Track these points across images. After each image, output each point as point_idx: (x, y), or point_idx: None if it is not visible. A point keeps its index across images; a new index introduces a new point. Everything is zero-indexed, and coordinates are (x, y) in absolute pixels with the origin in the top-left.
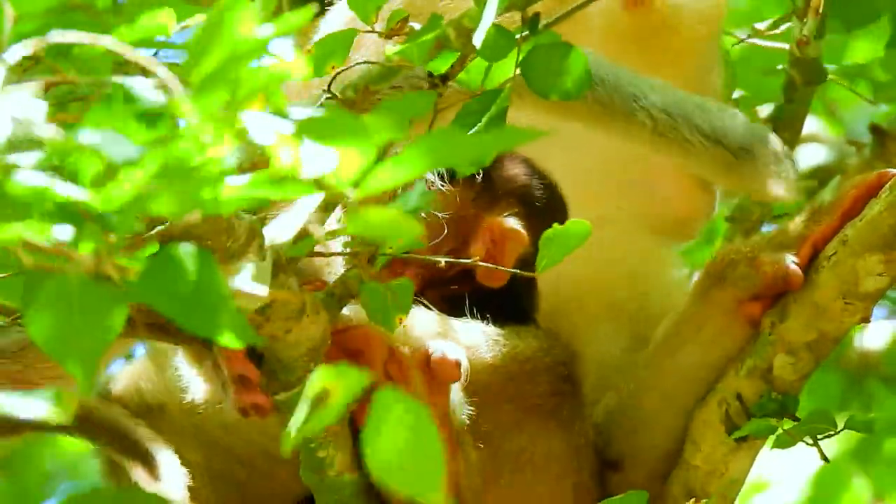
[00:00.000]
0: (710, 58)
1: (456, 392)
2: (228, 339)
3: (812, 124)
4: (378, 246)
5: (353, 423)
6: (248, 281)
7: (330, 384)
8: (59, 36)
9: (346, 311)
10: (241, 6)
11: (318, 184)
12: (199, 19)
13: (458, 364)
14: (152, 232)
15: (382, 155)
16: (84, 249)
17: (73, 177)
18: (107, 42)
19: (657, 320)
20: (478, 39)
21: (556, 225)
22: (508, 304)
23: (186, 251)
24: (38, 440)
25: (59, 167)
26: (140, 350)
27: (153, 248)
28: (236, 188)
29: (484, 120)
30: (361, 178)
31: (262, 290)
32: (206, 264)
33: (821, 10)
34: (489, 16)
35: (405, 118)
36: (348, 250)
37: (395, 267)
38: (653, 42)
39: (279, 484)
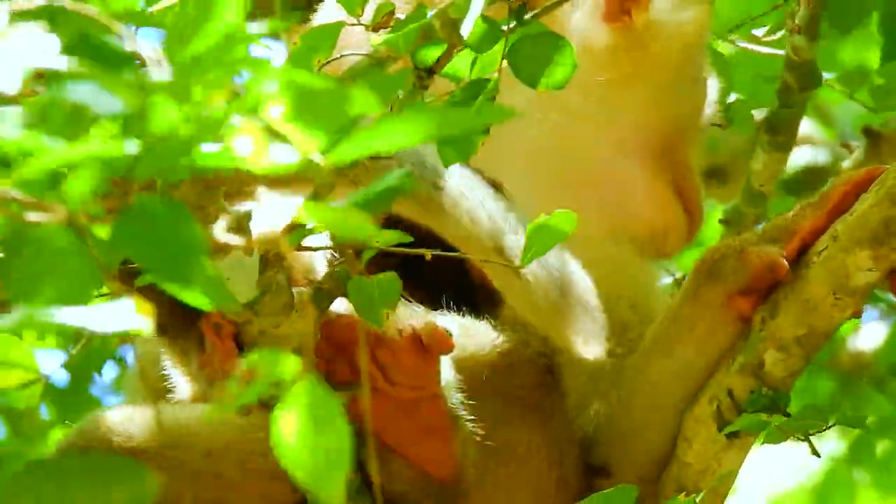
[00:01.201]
0: (688, 75)
1: (448, 370)
2: (199, 299)
3: (805, 126)
4: (365, 240)
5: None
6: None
7: (255, 366)
8: None
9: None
10: None
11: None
12: None
13: (449, 333)
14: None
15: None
16: (58, 201)
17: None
18: (92, 10)
19: (634, 328)
20: (465, 30)
21: (542, 216)
22: (483, 297)
23: (160, 204)
24: (30, 438)
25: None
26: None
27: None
28: (211, 154)
29: (472, 111)
30: (333, 145)
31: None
32: (180, 216)
33: (812, 2)
34: (477, 6)
35: (384, 96)
36: (335, 244)
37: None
38: (628, 56)
39: (273, 499)
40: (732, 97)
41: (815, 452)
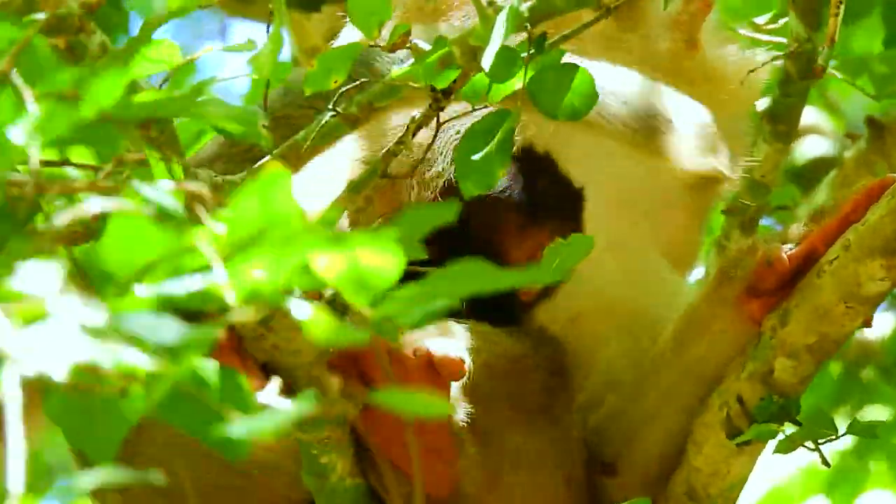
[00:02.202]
0: (741, 125)
1: (454, 390)
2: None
3: (811, 116)
4: None
5: (355, 430)
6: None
7: None
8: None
9: None
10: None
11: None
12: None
13: (461, 361)
14: None
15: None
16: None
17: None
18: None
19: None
20: (486, 61)
21: (559, 239)
22: (496, 303)
23: (210, 367)
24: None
25: None
26: None
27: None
28: None
29: (493, 143)
30: (381, 298)
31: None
32: (230, 379)
33: (836, 38)
34: (497, 38)
35: (424, 228)
36: None
37: None
38: (699, 86)
39: (277, 493)
40: None
41: (826, 462)
